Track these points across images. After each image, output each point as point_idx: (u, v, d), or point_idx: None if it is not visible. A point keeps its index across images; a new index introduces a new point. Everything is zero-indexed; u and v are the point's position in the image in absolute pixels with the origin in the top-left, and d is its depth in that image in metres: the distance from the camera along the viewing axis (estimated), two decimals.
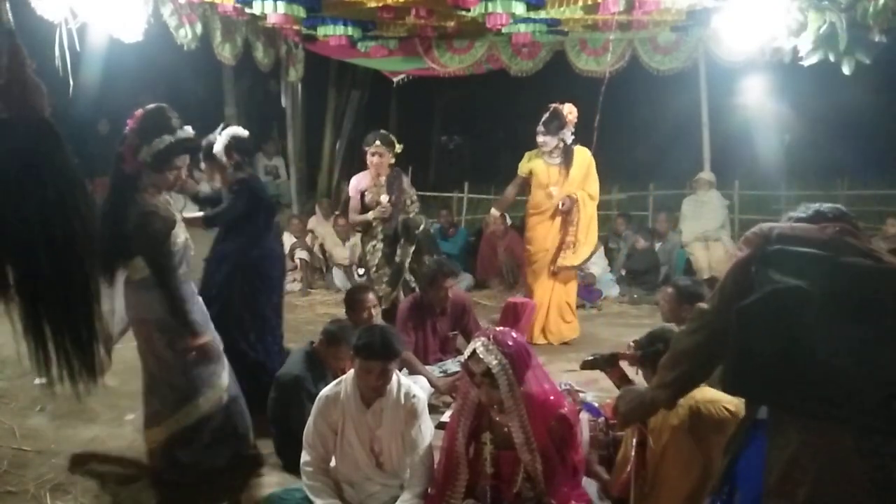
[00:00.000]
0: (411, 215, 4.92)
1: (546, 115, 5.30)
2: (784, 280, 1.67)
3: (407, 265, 4.86)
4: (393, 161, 4.95)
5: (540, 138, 5.32)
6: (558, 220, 5.43)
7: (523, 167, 5.49)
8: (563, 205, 5.35)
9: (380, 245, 4.90)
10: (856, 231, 1.83)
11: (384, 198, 4.85)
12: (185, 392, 3.18)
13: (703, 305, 1.92)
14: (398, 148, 4.96)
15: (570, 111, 5.30)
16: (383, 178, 4.89)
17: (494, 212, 5.66)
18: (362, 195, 4.94)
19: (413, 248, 4.86)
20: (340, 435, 2.90)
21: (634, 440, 2.58)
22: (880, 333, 1.61)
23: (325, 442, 2.91)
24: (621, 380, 2.73)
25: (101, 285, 2.86)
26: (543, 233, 5.47)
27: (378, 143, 4.85)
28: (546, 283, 5.52)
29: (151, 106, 3.04)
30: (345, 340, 3.32)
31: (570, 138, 5.34)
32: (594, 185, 5.48)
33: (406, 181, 5.01)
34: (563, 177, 5.36)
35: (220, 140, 3.96)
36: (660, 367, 2.02)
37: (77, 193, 1.52)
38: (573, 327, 5.70)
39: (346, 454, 2.90)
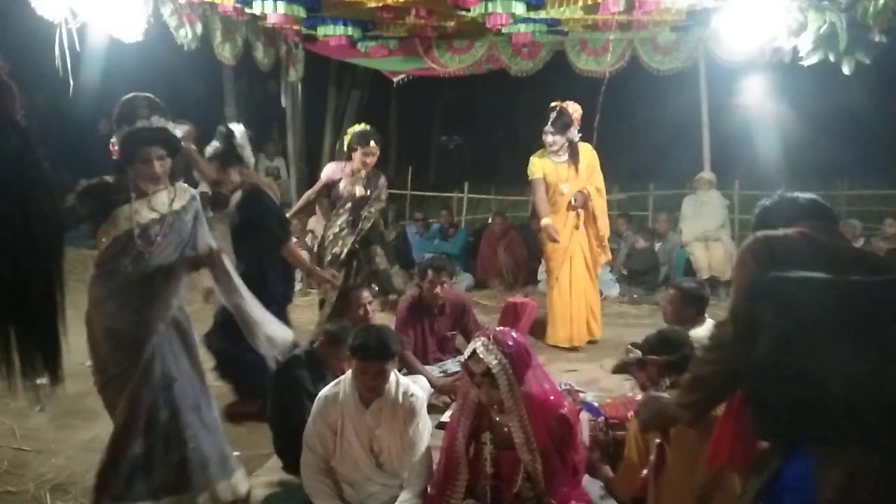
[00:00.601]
0: (372, 210, 4.89)
1: (553, 115, 5.23)
2: (788, 319, 1.62)
3: (343, 253, 4.82)
4: None
5: (549, 138, 5.26)
6: (572, 215, 5.36)
7: (534, 170, 5.38)
8: (574, 200, 5.30)
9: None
10: (836, 227, 1.81)
11: (361, 190, 4.81)
12: (102, 392, 2.94)
13: (720, 332, 1.84)
14: None
15: (574, 109, 5.27)
16: (364, 173, 4.86)
17: (548, 221, 5.32)
18: (334, 182, 4.88)
19: (355, 240, 4.85)
20: (340, 435, 2.89)
21: (656, 440, 2.57)
22: None
23: (324, 442, 2.91)
24: (647, 382, 2.73)
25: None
26: (560, 229, 5.37)
27: (374, 144, 4.81)
28: (566, 283, 5.42)
29: (127, 95, 2.91)
30: (345, 340, 3.31)
31: (576, 136, 5.31)
32: (600, 179, 5.46)
33: (383, 180, 4.97)
34: (572, 173, 5.33)
35: (245, 139, 3.93)
36: (681, 385, 2.00)
37: (47, 198, 1.51)
38: (599, 326, 5.64)
39: (345, 454, 2.90)
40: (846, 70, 4.11)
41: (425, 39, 7.39)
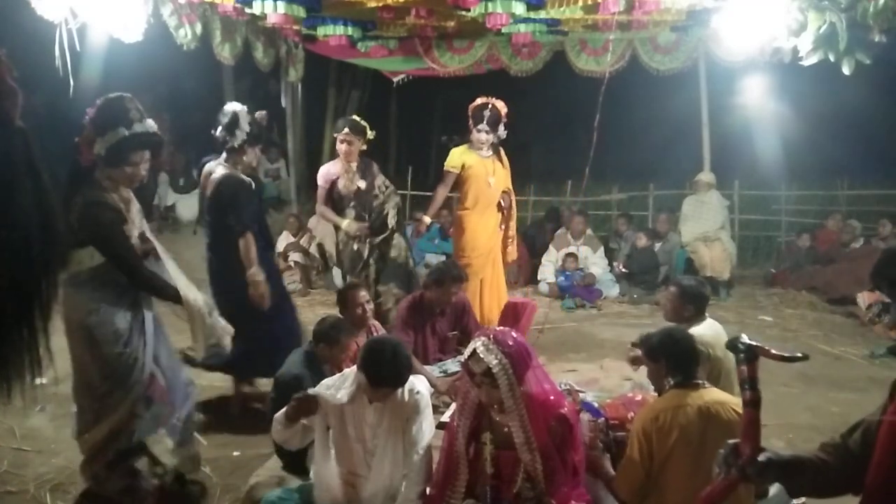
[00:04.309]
0: (389, 202, 4.91)
1: (486, 114, 5.16)
2: None
3: (366, 253, 4.84)
4: (364, 148, 4.90)
5: (483, 136, 5.17)
6: (497, 214, 5.30)
7: (454, 162, 5.24)
8: (503, 202, 5.29)
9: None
10: None
11: (362, 183, 4.81)
12: (100, 402, 2.97)
13: None
14: (370, 134, 4.91)
15: (502, 107, 5.25)
16: (354, 165, 4.85)
17: (427, 219, 5.48)
18: (332, 184, 4.86)
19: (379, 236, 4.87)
20: (339, 429, 2.89)
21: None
22: None
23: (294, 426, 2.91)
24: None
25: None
26: (486, 228, 5.27)
27: (347, 130, 4.79)
28: (484, 283, 5.27)
29: (112, 95, 2.86)
30: (342, 339, 3.41)
31: (504, 133, 5.28)
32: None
33: (376, 168, 4.97)
34: (497, 168, 5.29)
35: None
36: None
37: (44, 201, 1.51)
38: None
39: (345, 449, 2.89)
40: (846, 70, 4.10)
41: (425, 39, 7.39)
